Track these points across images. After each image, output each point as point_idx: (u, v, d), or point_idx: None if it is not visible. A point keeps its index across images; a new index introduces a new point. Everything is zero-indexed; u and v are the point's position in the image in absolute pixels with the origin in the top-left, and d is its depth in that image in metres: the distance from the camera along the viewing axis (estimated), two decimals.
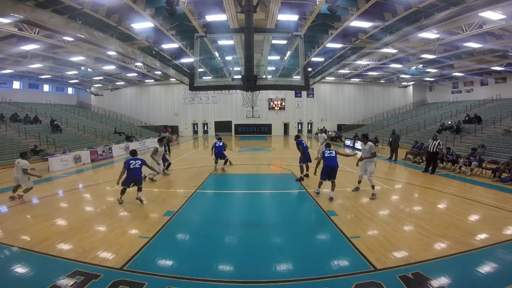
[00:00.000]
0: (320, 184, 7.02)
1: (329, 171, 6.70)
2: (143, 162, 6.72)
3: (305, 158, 9.05)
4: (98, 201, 7.01)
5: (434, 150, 9.85)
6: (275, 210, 6.42)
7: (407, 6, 10.59)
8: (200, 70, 15.13)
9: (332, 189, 6.77)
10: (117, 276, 3.44)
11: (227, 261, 3.97)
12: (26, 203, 6.80)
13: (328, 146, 7.39)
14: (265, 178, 10.00)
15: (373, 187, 6.91)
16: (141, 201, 6.56)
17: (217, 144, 10.57)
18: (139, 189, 6.62)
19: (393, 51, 17.37)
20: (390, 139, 13.70)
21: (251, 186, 8.90)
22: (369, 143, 7.08)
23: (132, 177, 6.47)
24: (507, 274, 3.46)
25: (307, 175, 9.11)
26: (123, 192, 6.59)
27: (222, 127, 31.20)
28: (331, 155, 6.77)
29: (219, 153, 10.56)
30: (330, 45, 15.97)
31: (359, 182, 7.44)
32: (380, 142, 18.82)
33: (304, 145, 9.14)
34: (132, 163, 6.52)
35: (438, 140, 9.90)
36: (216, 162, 10.73)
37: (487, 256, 3.92)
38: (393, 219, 5.41)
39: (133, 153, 7.05)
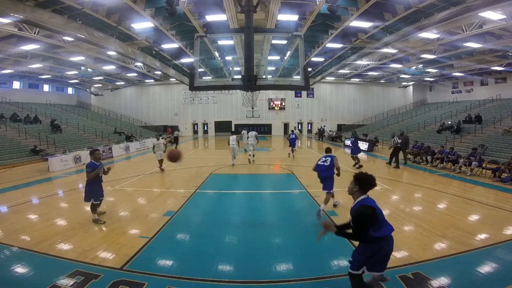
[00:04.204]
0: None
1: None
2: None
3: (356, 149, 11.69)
4: None
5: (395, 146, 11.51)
6: (275, 210, 6.42)
7: (407, 6, 10.59)
8: (200, 70, 15.10)
9: (325, 201, 5.77)
10: (117, 276, 3.44)
11: (227, 261, 3.97)
12: (26, 203, 6.81)
13: (328, 151, 6.15)
14: (265, 178, 10.00)
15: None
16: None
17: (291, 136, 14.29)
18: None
19: (393, 51, 17.37)
20: (400, 141, 11.42)
21: (251, 186, 8.90)
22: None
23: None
24: (507, 274, 3.46)
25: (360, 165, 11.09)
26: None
27: (222, 127, 31.21)
28: (325, 164, 5.74)
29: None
30: (330, 45, 15.98)
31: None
32: (380, 142, 18.81)
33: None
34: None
35: (395, 136, 11.77)
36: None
37: (487, 256, 3.92)
38: (393, 219, 5.40)
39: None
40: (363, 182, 2.60)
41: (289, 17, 12.14)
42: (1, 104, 22.01)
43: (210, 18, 12.10)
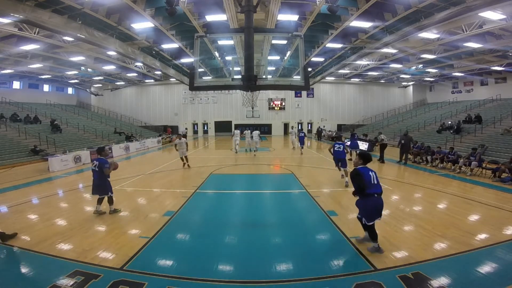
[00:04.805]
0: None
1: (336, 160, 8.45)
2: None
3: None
4: None
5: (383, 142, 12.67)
6: (275, 210, 6.42)
7: (407, 6, 10.59)
8: (200, 70, 15.13)
9: (346, 175, 8.00)
10: (117, 276, 3.44)
11: (227, 261, 3.97)
12: (26, 203, 6.81)
13: (338, 139, 9.28)
14: (265, 178, 10.00)
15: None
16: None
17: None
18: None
19: (393, 51, 17.37)
20: (403, 141, 12.03)
21: (251, 186, 8.91)
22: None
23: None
24: (507, 274, 3.46)
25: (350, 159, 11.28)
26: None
27: (222, 127, 31.22)
28: (339, 149, 8.31)
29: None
30: (330, 45, 15.98)
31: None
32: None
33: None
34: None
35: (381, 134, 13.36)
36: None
37: (487, 256, 3.92)
38: (393, 219, 5.40)
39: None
40: (365, 158, 4.13)
41: (289, 17, 12.13)
42: (1, 104, 22.01)
43: (210, 18, 12.09)
